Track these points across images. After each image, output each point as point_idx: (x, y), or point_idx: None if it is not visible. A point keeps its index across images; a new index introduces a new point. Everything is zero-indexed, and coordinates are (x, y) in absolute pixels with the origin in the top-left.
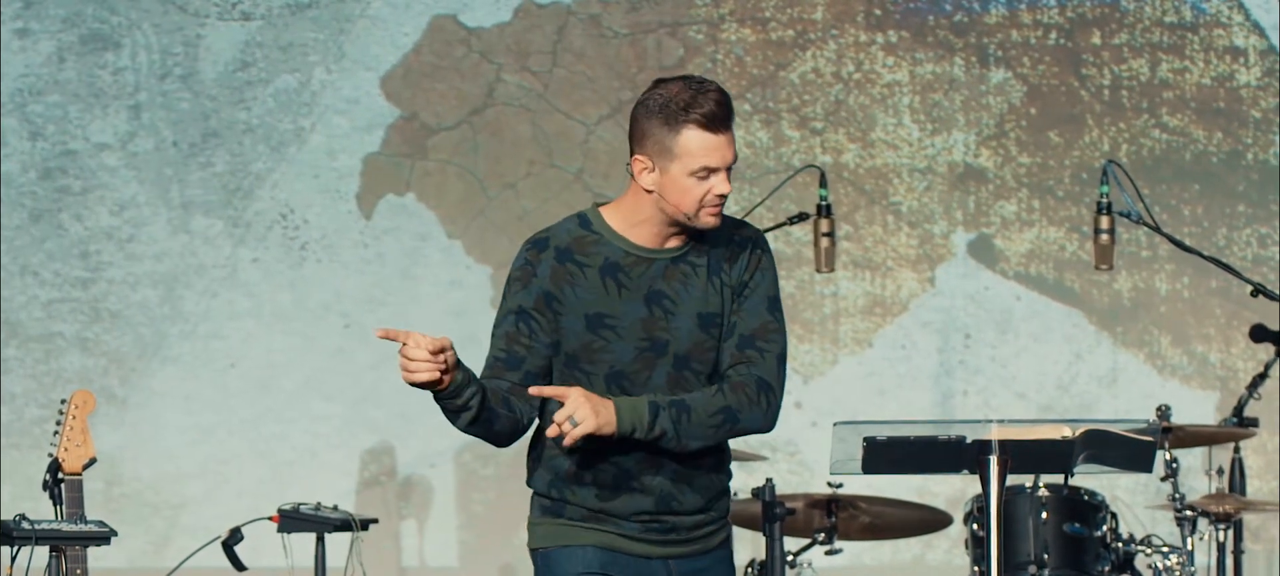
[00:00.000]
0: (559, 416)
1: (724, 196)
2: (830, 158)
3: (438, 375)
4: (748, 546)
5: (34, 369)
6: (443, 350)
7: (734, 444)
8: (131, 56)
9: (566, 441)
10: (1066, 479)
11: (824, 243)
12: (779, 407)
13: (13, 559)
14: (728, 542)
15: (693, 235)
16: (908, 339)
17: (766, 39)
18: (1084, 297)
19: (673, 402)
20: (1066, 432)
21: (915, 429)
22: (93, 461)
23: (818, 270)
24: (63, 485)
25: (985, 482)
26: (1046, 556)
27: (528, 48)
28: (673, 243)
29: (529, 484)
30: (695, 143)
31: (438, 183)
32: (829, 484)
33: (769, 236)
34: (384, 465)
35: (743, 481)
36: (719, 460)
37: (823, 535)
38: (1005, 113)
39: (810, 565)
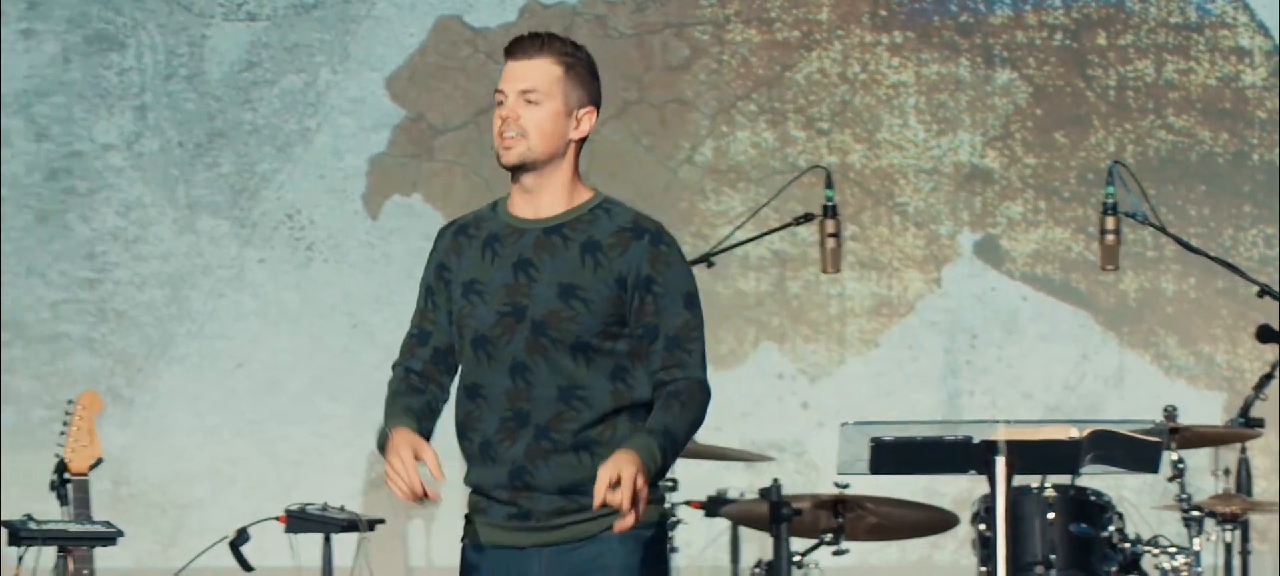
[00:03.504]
0: (618, 498)
1: (507, 121)
2: (836, 158)
3: (425, 492)
4: (755, 547)
5: (40, 369)
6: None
7: (740, 444)
8: (137, 57)
9: (629, 521)
10: (1073, 479)
11: (830, 243)
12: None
13: (20, 559)
14: (615, 533)
15: (575, 209)
16: (914, 339)
17: (772, 39)
18: (1090, 298)
19: (663, 431)
20: (1073, 433)
21: (922, 429)
22: (99, 462)
23: (824, 271)
24: (69, 485)
25: (992, 483)
26: (1053, 557)
27: None
28: (545, 211)
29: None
30: (502, 71)
31: (444, 183)
32: (836, 484)
33: (775, 237)
34: None
35: (749, 481)
36: (587, 440)
37: (830, 535)
38: (1011, 113)
39: (817, 565)
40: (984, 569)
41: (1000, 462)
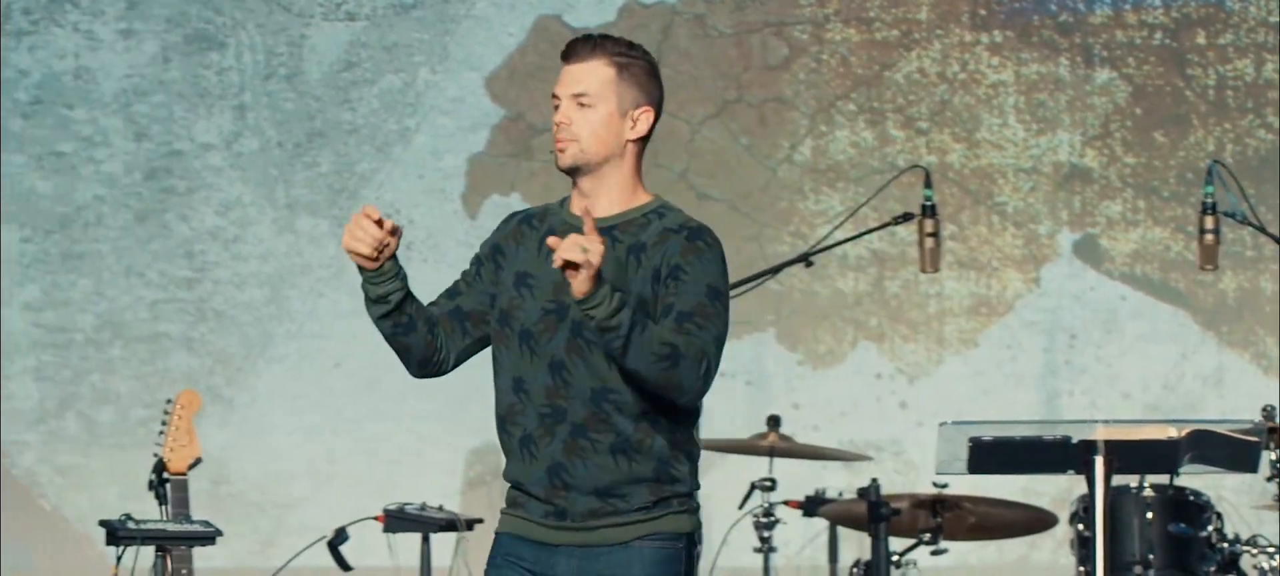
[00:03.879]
0: (573, 239)
1: (561, 126)
2: (935, 158)
3: (374, 254)
4: (853, 546)
5: (139, 369)
6: (393, 233)
7: (838, 444)
8: (236, 56)
9: (556, 257)
10: (1172, 479)
11: (929, 243)
12: (709, 384)
13: (118, 559)
14: (652, 540)
15: (630, 212)
16: (1013, 339)
17: (871, 39)
18: (1189, 297)
19: (637, 309)
20: (1172, 433)
21: (1021, 429)
22: (198, 461)
23: (923, 270)
24: (168, 485)
25: (1090, 483)
26: (1152, 557)
27: None
28: (604, 210)
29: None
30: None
31: (543, 183)
32: (934, 484)
33: (874, 236)
34: (489, 464)
35: (847, 481)
36: (625, 443)
37: (928, 535)
38: (1110, 113)
39: (915, 565)
40: (1082, 569)
41: (1099, 462)
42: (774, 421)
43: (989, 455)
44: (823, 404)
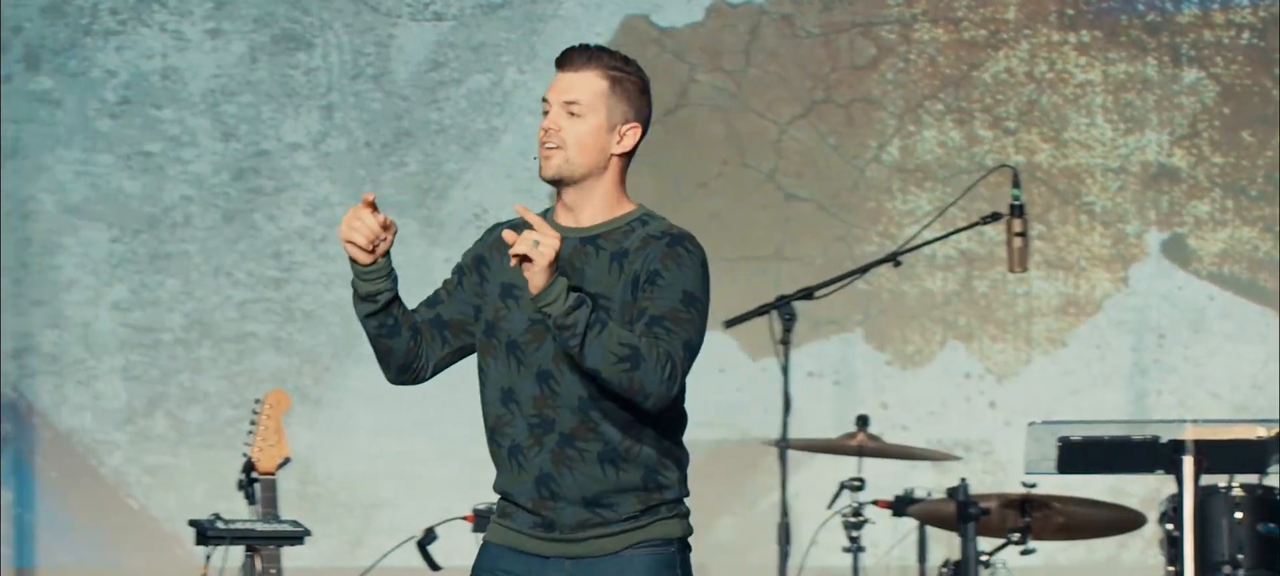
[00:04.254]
0: (527, 235)
1: (548, 132)
2: (1023, 157)
3: (369, 247)
4: (942, 546)
5: (228, 369)
6: (387, 229)
7: (927, 443)
8: (324, 57)
9: (511, 250)
10: (1261, 478)
11: (1017, 242)
12: (676, 389)
13: (207, 558)
14: (643, 548)
15: (615, 221)
16: (1101, 339)
17: (959, 39)
18: (1277, 297)
19: (595, 309)
20: (1261, 433)
21: (1109, 429)
22: (287, 461)
23: (1011, 270)
24: (257, 484)
25: (1180, 482)
26: (1241, 556)
27: (720, 47)
28: (587, 221)
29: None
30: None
31: (630, 182)
32: (1023, 483)
33: (962, 236)
34: None
35: (936, 481)
36: (612, 452)
37: (1017, 535)
38: (1198, 112)
39: (1004, 565)
40: (1171, 568)
41: (1188, 462)
42: (862, 421)
43: (1078, 455)
44: (911, 403)
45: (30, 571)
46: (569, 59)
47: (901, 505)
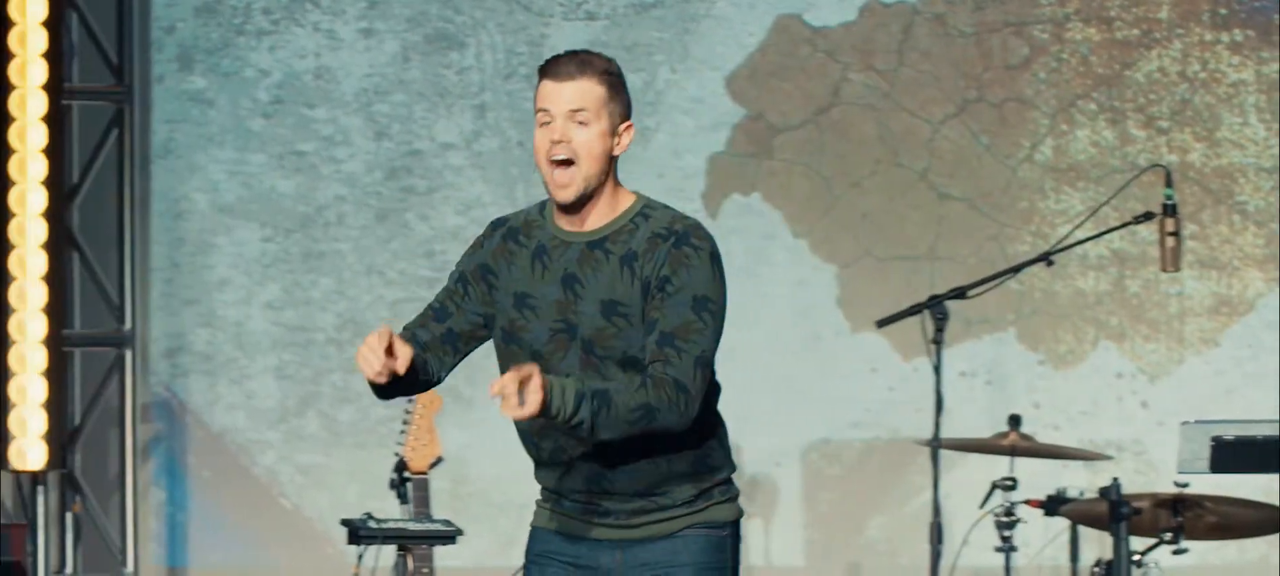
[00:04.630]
0: (507, 386)
1: (558, 142)
2: (1176, 157)
3: (383, 379)
4: (1094, 546)
5: None
6: (392, 354)
7: (1079, 443)
8: (476, 56)
9: (501, 408)
10: None
11: (1170, 242)
12: (695, 409)
13: (360, 558)
14: (698, 529)
15: (617, 220)
16: (1254, 338)
17: (1112, 38)
18: None
19: (595, 392)
20: None
21: (1262, 428)
22: (439, 460)
23: (1163, 269)
24: (409, 484)
25: None
26: None
27: (873, 47)
28: (591, 225)
29: None
30: (538, 91)
31: (783, 182)
32: (1176, 483)
33: (1114, 236)
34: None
35: (1088, 480)
36: (663, 443)
37: (1169, 534)
38: None
39: (1156, 565)
40: None
41: None
42: (1015, 421)
43: (1231, 454)
44: (1063, 403)
45: (182, 571)
46: (563, 68)
47: (1053, 505)
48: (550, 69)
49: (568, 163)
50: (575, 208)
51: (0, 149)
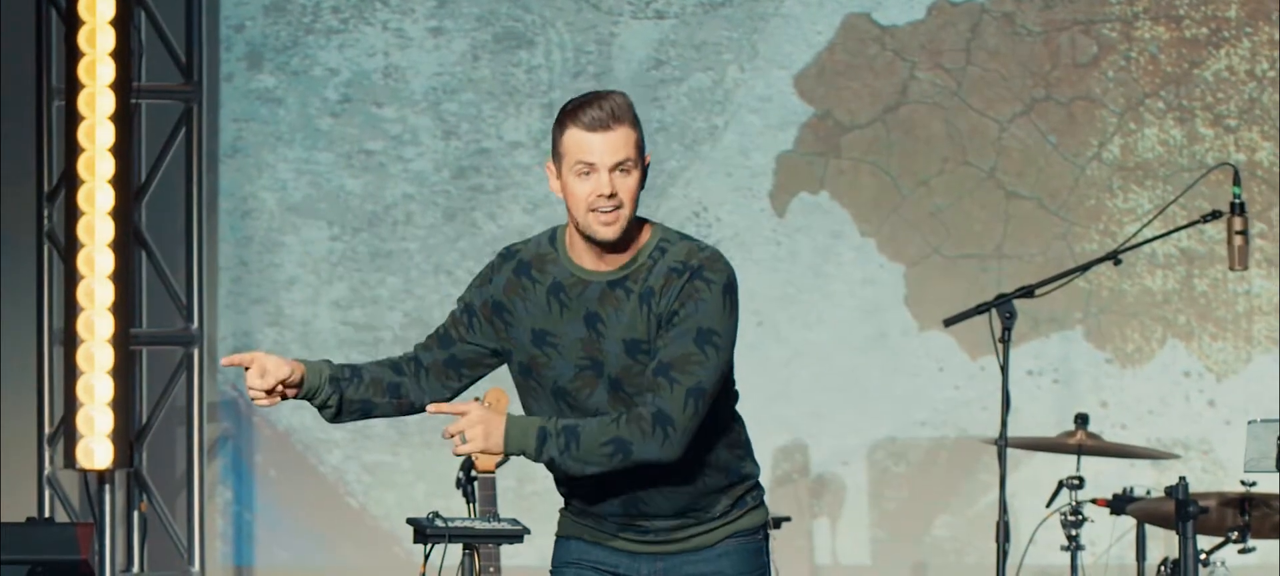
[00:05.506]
0: (451, 429)
1: (611, 197)
2: (1244, 155)
3: (274, 401)
4: (1161, 545)
5: None
6: (282, 380)
7: (1146, 442)
8: (545, 55)
9: (454, 451)
10: None
11: (1237, 240)
12: (682, 438)
13: (426, 556)
14: (736, 538)
15: (636, 257)
16: None
17: (1180, 37)
18: None
19: (563, 428)
20: None
21: None
22: (506, 459)
23: (1231, 268)
24: (476, 483)
25: None
26: None
27: (941, 45)
28: (611, 263)
29: None
30: (572, 140)
31: (851, 181)
32: (1242, 482)
33: (1182, 234)
34: (796, 463)
35: (1155, 479)
36: (701, 466)
37: (1236, 533)
38: None
39: (1223, 563)
40: None
41: None
42: (1082, 419)
43: None
44: (1131, 402)
45: (248, 569)
46: (600, 119)
47: (1120, 503)
48: (583, 120)
49: (617, 208)
50: (611, 246)
51: (69, 148)
